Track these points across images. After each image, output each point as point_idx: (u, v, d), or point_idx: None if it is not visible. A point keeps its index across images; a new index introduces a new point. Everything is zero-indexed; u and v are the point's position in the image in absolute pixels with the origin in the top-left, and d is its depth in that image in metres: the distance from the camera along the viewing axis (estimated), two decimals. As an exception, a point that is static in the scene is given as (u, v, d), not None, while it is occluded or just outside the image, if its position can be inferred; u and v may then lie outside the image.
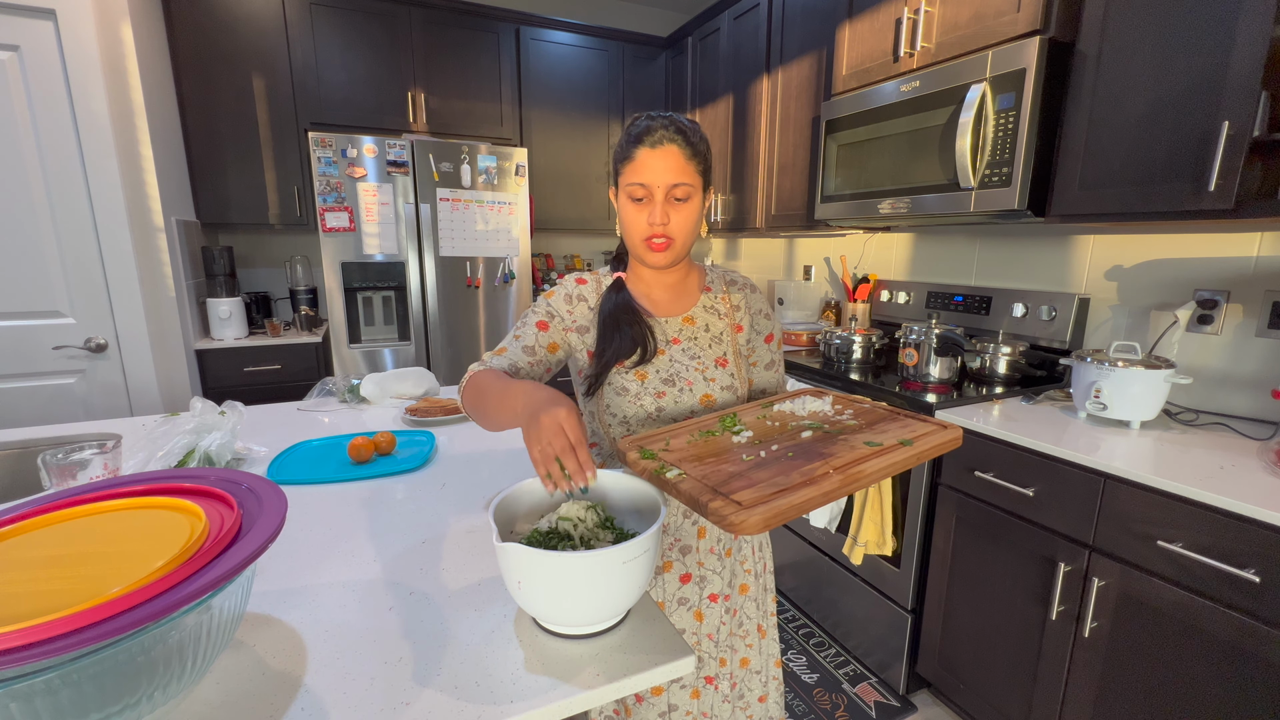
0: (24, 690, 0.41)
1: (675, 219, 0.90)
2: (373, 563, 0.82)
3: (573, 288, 1.01)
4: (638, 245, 0.93)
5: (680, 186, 0.89)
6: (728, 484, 0.67)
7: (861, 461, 0.72)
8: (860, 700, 1.73)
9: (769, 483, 0.67)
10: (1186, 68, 1.25)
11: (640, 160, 0.89)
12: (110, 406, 2.17)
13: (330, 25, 2.68)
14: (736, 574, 1.05)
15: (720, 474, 0.70)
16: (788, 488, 0.66)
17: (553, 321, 0.97)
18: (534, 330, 0.96)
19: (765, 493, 0.65)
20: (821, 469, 0.70)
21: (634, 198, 0.91)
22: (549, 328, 0.97)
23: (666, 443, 0.81)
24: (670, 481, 0.69)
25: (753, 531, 0.60)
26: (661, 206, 0.89)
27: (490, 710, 0.56)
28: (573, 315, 0.98)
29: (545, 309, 0.99)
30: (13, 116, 1.89)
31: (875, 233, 2.50)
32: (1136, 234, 1.64)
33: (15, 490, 1.29)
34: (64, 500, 0.63)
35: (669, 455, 0.76)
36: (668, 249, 0.92)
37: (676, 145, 0.88)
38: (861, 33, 1.97)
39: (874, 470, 0.71)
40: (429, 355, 2.83)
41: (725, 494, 0.65)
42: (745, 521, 0.60)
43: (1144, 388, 1.33)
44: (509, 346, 0.96)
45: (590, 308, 0.99)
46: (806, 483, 0.67)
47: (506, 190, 2.82)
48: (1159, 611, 1.14)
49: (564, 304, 0.99)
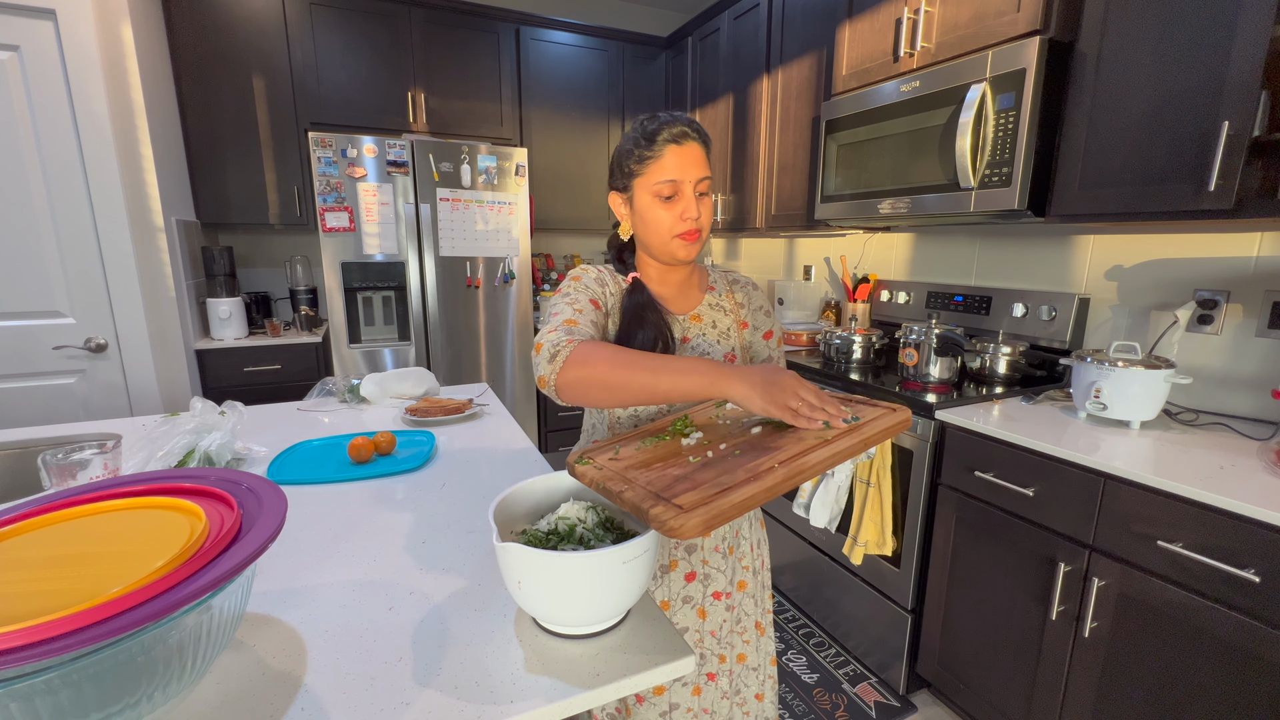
0: (24, 690, 0.41)
1: (703, 212, 0.95)
2: (373, 563, 0.82)
3: (595, 274, 1.00)
4: (668, 241, 0.95)
5: (705, 180, 0.94)
6: (671, 488, 0.65)
7: (807, 453, 0.70)
8: (860, 700, 1.73)
9: (713, 483, 0.65)
10: (1186, 68, 1.25)
11: (669, 158, 0.91)
12: (110, 406, 2.16)
13: (330, 25, 2.68)
14: (736, 571, 1.06)
15: (665, 478, 0.68)
16: (730, 486, 0.64)
17: (600, 301, 0.97)
18: (591, 308, 0.93)
19: (708, 493, 0.63)
20: (767, 463, 0.68)
21: (663, 195, 0.93)
22: (600, 307, 0.96)
23: (616, 451, 0.79)
24: (614, 491, 0.67)
25: (692, 535, 0.58)
26: (694, 201, 0.93)
27: (490, 710, 0.56)
28: (605, 298, 0.98)
29: (589, 290, 0.96)
30: (13, 116, 1.89)
31: (875, 233, 2.50)
32: (1136, 234, 1.64)
33: (15, 490, 1.29)
34: (64, 500, 0.63)
35: (616, 464, 0.74)
36: (698, 239, 0.96)
37: (697, 142, 0.93)
38: (861, 33, 1.97)
39: (818, 461, 0.69)
40: (429, 355, 2.83)
41: (668, 499, 0.63)
42: (684, 525, 0.58)
43: (1144, 388, 1.33)
44: (579, 320, 0.89)
45: (612, 294, 1.00)
46: (750, 479, 0.65)
47: (506, 190, 2.82)
48: (1159, 611, 1.14)
49: (599, 286, 0.99)
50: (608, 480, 0.70)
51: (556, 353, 0.80)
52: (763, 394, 0.74)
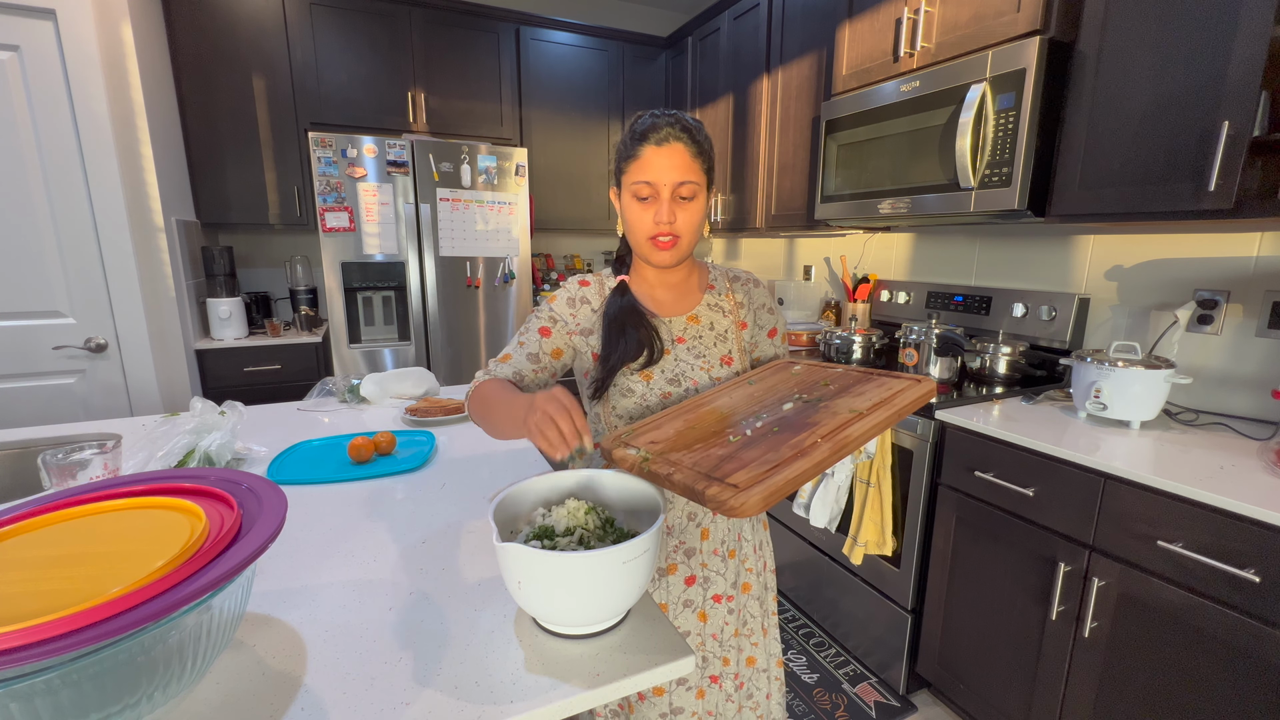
0: (24, 690, 0.41)
1: (681, 217, 0.90)
2: (373, 563, 0.82)
3: (575, 290, 1.00)
4: (643, 244, 0.93)
5: (686, 185, 0.88)
6: (719, 468, 0.66)
7: (847, 426, 0.71)
8: (860, 700, 1.73)
9: (760, 460, 0.66)
10: (1186, 68, 1.25)
11: (646, 158, 0.88)
12: (110, 406, 2.16)
13: (330, 25, 2.68)
14: (739, 574, 1.05)
15: (710, 459, 0.68)
16: (779, 463, 0.64)
17: (555, 326, 0.97)
18: (537, 337, 0.96)
19: (758, 471, 0.63)
20: (810, 439, 0.69)
21: (639, 196, 0.90)
22: (551, 333, 0.96)
23: (650, 436, 0.79)
24: (661, 475, 0.68)
25: (753, 512, 0.59)
26: (668, 205, 0.89)
27: (490, 710, 0.56)
28: (576, 319, 0.98)
29: (548, 314, 0.98)
30: (13, 116, 1.89)
31: (875, 233, 2.50)
32: (1136, 234, 1.64)
33: (15, 490, 1.29)
34: (64, 500, 0.63)
35: (655, 447, 0.74)
36: (673, 248, 0.91)
37: (682, 143, 0.88)
38: (861, 33, 1.97)
39: (861, 432, 0.70)
40: (429, 355, 2.83)
41: (719, 479, 0.63)
42: (745, 503, 0.58)
43: (1144, 388, 1.33)
44: (513, 353, 0.95)
45: (594, 309, 0.99)
46: (798, 455, 0.66)
47: (506, 190, 2.82)
48: (1159, 611, 1.14)
49: (566, 307, 0.98)
50: (652, 464, 0.70)
51: (471, 389, 0.93)
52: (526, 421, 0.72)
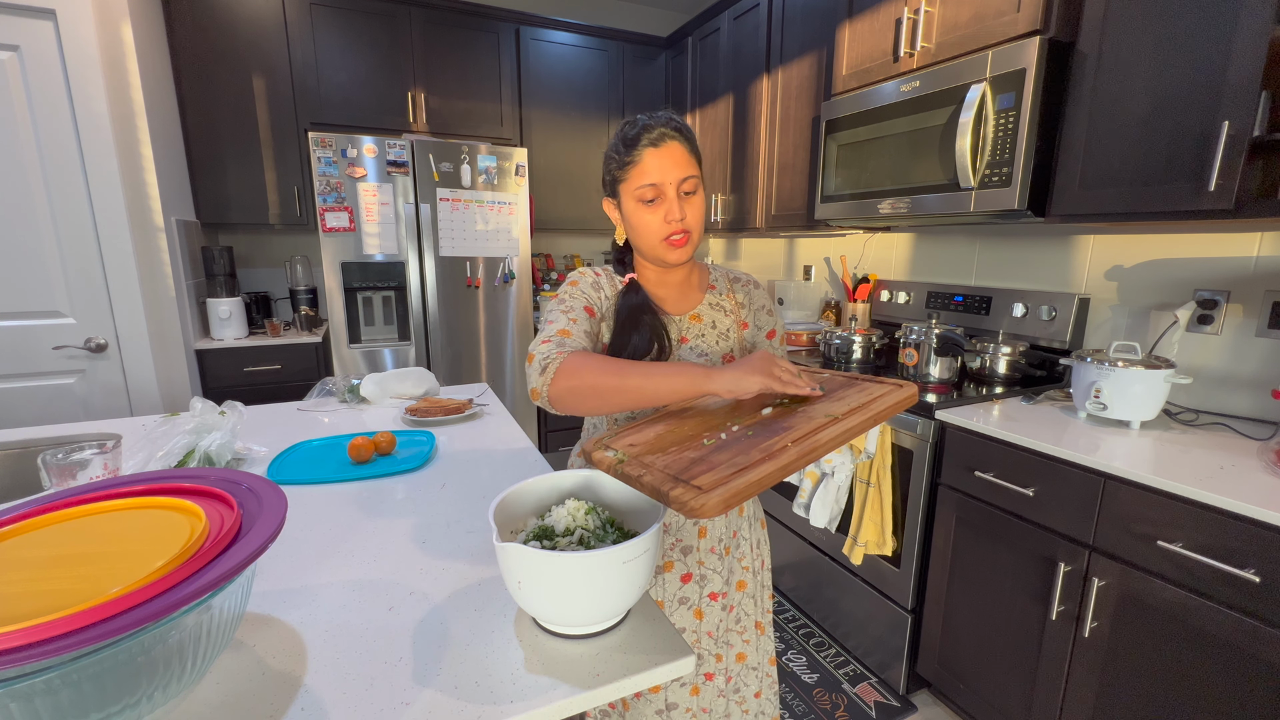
0: (24, 690, 0.41)
1: (690, 212, 0.92)
2: (373, 563, 0.82)
3: (592, 278, 1.00)
4: (656, 246, 0.94)
5: (689, 179, 0.91)
6: (689, 470, 0.66)
7: (819, 430, 0.72)
8: (860, 700, 1.73)
9: (729, 463, 0.66)
10: (1186, 68, 1.25)
11: (646, 161, 0.89)
12: (110, 406, 2.16)
13: (330, 25, 2.68)
14: (735, 571, 1.06)
15: (682, 461, 0.69)
16: (746, 466, 0.65)
17: (595, 307, 0.97)
18: (585, 315, 0.94)
19: (725, 474, 0.64)
20: (780, 443, 0.69)
21: (645, 200, 0.91)
22: (595, 313, 0.96)
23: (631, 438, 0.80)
24: (633, 476, 0.69)
25: (713, 513, 0.59)
26: (677, 203, 0.91)
27: (490, 710, 0.56)
28: (599, 304, 0.98)
29: (583, 295, 0.97)
30: (13, 116, 1.89)
31: (875, 233, 2.50)
32: (1136, 234, 1.64)
33: (15, 490, 1.29)
34: (64, 500, 0.63)
35: (633, 450, 0.75)
36: (687, 242, 0.93)
37: (678, 141, 0.90)
38: (861, 33, 1.97)
39: (830, 438, 0.70)
40: (429, 355, 2.83)
41: (686, 480, 0.64)
42: (705, 505, 0.59)
43: (1144, 388, 1.33)
44: (572, 330, 0.90)
45: (608, 298, 0.99)
46: (765, 458, 0.66)
47: (506, 190, 2.82)
48: (1159, 611, 1.14)
49: (594, 290, 0.99)
50: (626, 465, 0.71)
51: (547, 365, 0.83)
52: (747, 375, 0.79)
